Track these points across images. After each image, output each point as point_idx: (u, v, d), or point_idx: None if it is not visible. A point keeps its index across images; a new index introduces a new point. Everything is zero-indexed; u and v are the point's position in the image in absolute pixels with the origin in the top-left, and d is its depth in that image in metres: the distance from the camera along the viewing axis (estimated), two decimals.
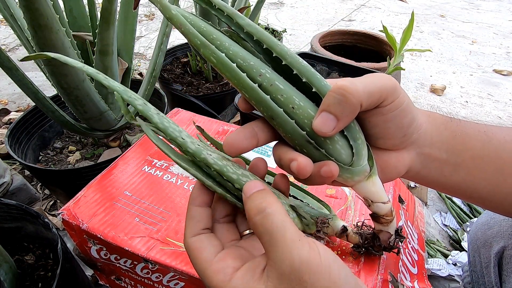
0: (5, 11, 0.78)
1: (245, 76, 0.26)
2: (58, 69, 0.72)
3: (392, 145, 0.31)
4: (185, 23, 0.25)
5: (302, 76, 0.27)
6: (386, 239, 0.34)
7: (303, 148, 0.28)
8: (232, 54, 0.27)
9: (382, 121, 0.29)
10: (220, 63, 0.26)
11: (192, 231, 0.28)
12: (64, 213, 0.58)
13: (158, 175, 0.65)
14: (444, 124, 0.33)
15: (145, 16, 2.61)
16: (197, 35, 0.26)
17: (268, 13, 2.69)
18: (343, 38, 1.54)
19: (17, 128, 0.97)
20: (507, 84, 1.79)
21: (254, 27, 0.27)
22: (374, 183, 0.30)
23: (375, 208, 0.32)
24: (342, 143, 0.28)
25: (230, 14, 0.27)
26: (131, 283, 0.63)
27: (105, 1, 0.70)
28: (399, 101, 0.28)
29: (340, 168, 0.28)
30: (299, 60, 0.27)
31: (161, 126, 0.28)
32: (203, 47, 0.26)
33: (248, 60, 0.27)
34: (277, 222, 0.24)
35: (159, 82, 1.37)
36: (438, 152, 0.33)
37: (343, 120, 0.26)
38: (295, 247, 0.23)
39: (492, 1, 2.95)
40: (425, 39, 2.28)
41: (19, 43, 2.14)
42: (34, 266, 0.70)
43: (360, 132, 0.29)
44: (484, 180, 0.33)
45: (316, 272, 0.23)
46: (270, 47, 0.27)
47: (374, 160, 0.30)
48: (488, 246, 0.64)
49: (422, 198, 1.10)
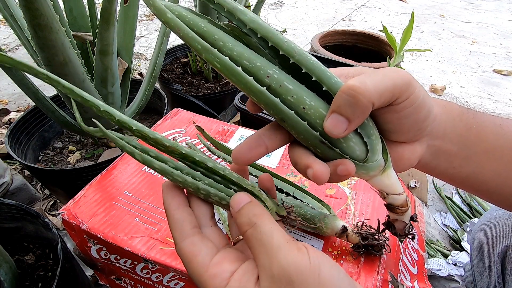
0: (5, 11, 0.78)
1: (252, 79, 0.25)
2: (58, 69, 0.72)
3: (406, 138, 0.31)
4: (183, 27, 0.24)
5: (312, 74, 0.25)
6: (402, 228, 0.34)
7: (317, 148, 0.27)
8: (236, 56, 0.25)
9: (396, 118, 0.28)
10: (225, 68, 0.24)
11: (182, 234, 0.27)
12: (64, 213, 0.58)
13: (158, 175, 0.65)
14: (459, 116, 0.32)
15: (145, 16, 2.61)
16: (198, 39, 0.24)
17: (268, 13, 2.69)
18: (343, 38, 1.54)
19: (17, 128, 0.97)
20: (507, 84, 1.79)
21: (258, 22, 0.25)
22: (389, 176, 0.30)
23: (390, 200, 0.32)
24: (356, 140, 0.27)
25: (230, 9, 0.25)
26: (131, 283, 0.63)
27: (105, 1, 0.70)
28: (413, 97, 0.27)
29: (356, 165, 0.28)
30: (307, 57, 0.25)
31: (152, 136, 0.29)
32: (205, 52, 0.24)
33: (254, 61, 0.25)
34: (265, 231, 0.25)
35: (159, 82, 1.37)
36: (450, 144, 0.32)
37: (354, 122, 0.25)
38: (282, 250, 0.24)
39: (492, 1, 2.95)
40: (425, 39, 2.28)
41: (19, 43, 2.14)
42: (34, 266, 0.70)
43: (374, 128, 0.28)
44: (494, 173, 0.33)
45: (304, 273, 0.23)
46: (276, 44, 0.25)
47: (389, 153, 0.30)
48: (491, 245, 0.64)
49: (422, 198, 1.10)
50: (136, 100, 1.03)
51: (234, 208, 0.27)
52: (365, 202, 0.60)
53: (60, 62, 0.70)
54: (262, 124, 0.31)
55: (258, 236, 0.25)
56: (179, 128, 0.77)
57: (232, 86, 1.38)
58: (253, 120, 0.93)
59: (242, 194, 0.28)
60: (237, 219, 0.27)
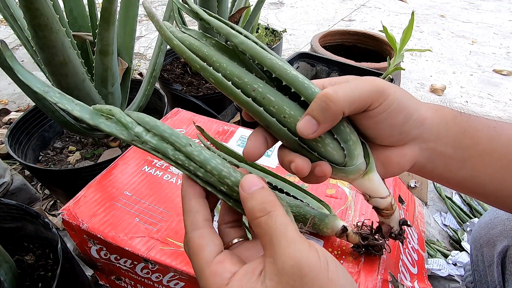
0: (5, 11, 0.78)
1: (240, 92, 0.29)
2: (58, 69, 0.72)
3: (390, 142, 0.32)
4: (185, 51, 0.30)
5: (291, 86, 0.29)
6: (387, 231, 0.36)
7: (298, 151, 0.30)
8: (229, 74, 0.30)
9: (373, 123, 0.30)
10: (218, 83, 0.29)
11: (193, 224, 0.28)
12: (64, 213, 0.58)
13: (158, 175, 0.65)
14: (453, 119, 0.33)
15: (145, 16, 2.61)
16: (197, 61, 0.29)
17: (268, 13, 2.69)
18: (343, 38, 1.54)
19: (17, 128, 0.97)
20: (507, 84, 1.79)
21: (246, 44, 0.30)
22: (370, 180, 0.32)
23: (373, 202, 0.33)
24: (334, 145, 0.30)
25: (225, 34, 0.30)
26: (131, 283, 0.63)
27: (105, 1, 0.70)
28: (386, 103, 0.29)
29: (334, 168, 0.30)
30: (287, 71, 0.29)
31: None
32: (203, 70, 0.29)
33: (243, 78, 0.30)
34: (280, 222, 0.25)
35: (159, 82, 1.37)
36: (445, 147, 0.33)
37: (323, 125, 0.28)
38: (297, 245, 0.24)
39: (492, 1, 2.95)
40: (425, 39, 2.28)
41: (19, 43, 2.14)
42: (34, 266, 0.70)
43: (351, 134, 0.30)
44: (491, 176, 0.33)
45: (315, 270, 0.23)
46: (261, 62, 0.29)
47: (372, 158, 0.32)
48: (491, 245, 0.64)
49: (422, 198, 1.10)
50: (136, 100, 1.03)
51: (245, 189, 0.27)
52: (365, 202, 0.60)
53: (60, 62, 0.70)
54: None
55: (273, 226, 0.25)
56: (179, 128, 0.77)
57: None
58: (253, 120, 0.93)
59: (255, 177, 0.28)
60: (247, 202, 0.27)
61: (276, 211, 0.26)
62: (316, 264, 0.23)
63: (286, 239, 0.24)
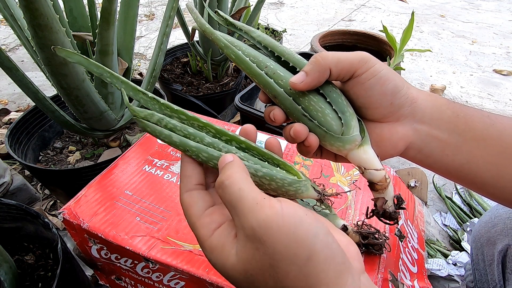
0: (5, 11, 0.78)
1: (255, 65, 0.35)
2: (58, 69, 0.72)
3: (381, 114, 0.34)
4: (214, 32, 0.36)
5: (296, 67, 0.35)
6: (381, 204, 0.35)
7: (300, 120, 0.35)
8: (247, 53, 0.36)
9: (363, 90, 0.33)
10: (238, 58, 0.35)
11: (185, 187, 0.30)
12: (65, 212, 0.58)
13: (158, 175, 0.65)
14: (446, 104, 0.34)
15: (145, 16, 2.61)
16: (222, 40, 0.36)
17: (268, 13, 2.69)
18: (343, 38, 1.54)
19: (17, 128, 0.97)
20: (507, 84, 1.79)
21: (262, 36, 0.38)
22: (365, 151, 0.34)
23: (368, 175, 0.34)
24: (333, 116, 0.34)
25: (246, 30, 0.38)
26: (131, 282, 0.63)
27: (105, 1, 0.70)
28: (373, 70, 0.32)
29: (332, 137, 0.34)
30: (293, 55, 0.36)
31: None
32: (226, 48, 0.36)
33: (258, 57, 0.36)
34: (233, 193, 0.25)
35: (159, 82, 1.37)
36: (439, 130, 0.34)
37: (310, 76, 0.32)
38: (251, 211, 0.24)
39: (492, 1, 2.95)
40: (425, 39, 2.28)
41: (19, 43, 2.14)
42: (34, 266, 0.70)
43: (347, 106, 0.34)
44: (487, 163, 0.34)
45: (276, 232, 0.23)
46: (273, 49, 0.37)
47: (367, 132, 0.34)
48: (492, 244, 0.64)
49: (422, 198, 1.10)
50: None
51: (219, 169, 0.28)
52: (365, 201, 0.60)
53: (60, 62, 0.70)
54: (261, 124, 0.33)
55: (228, 197, 0.25)
56: None
57: (233, 86, 1.38)
58: (253, 120, 0.93)
59: (229, 155, 0.29)
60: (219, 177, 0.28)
61: (229, 182, 0.26)
62: (277, 227, 0.23)
63: (242, 208, 0.25)
